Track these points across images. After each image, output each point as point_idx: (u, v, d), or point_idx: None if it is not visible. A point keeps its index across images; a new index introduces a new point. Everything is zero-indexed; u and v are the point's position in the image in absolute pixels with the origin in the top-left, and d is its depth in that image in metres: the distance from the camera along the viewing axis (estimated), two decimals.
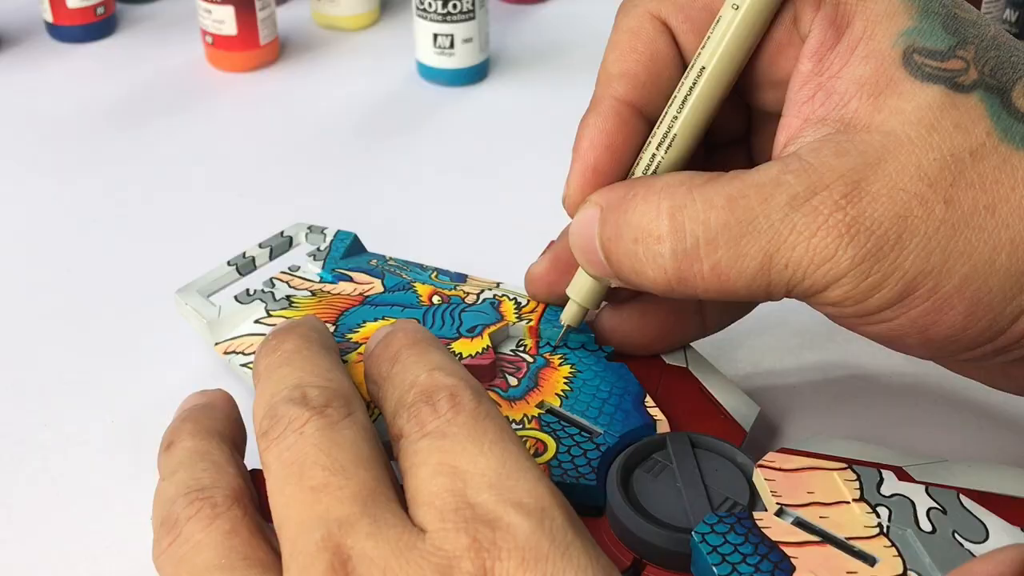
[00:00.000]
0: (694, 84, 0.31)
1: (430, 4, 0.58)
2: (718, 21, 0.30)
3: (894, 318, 0.28)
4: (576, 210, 0.32)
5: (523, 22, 0.69)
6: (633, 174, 0.32)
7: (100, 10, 0.66)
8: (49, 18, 0.65)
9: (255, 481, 0.29)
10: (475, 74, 0.61)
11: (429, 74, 0.61)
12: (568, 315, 0.35)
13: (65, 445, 0.37)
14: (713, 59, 0.30)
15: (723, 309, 0.36)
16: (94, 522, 0.35)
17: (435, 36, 0.59)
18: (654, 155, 0.32)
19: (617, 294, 0.35)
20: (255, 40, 0.62)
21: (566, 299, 0.37)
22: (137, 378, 0.40)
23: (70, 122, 0.58)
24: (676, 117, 0.31)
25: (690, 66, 0.31)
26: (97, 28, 0.66)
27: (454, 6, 0.58)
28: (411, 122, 0.58)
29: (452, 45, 0.59)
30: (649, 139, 0.32)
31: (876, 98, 0.28)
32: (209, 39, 0.62)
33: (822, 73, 0.29)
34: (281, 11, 0.69)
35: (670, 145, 0.31)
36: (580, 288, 0.34)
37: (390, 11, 0.70)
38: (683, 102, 0.31)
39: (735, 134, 0.35)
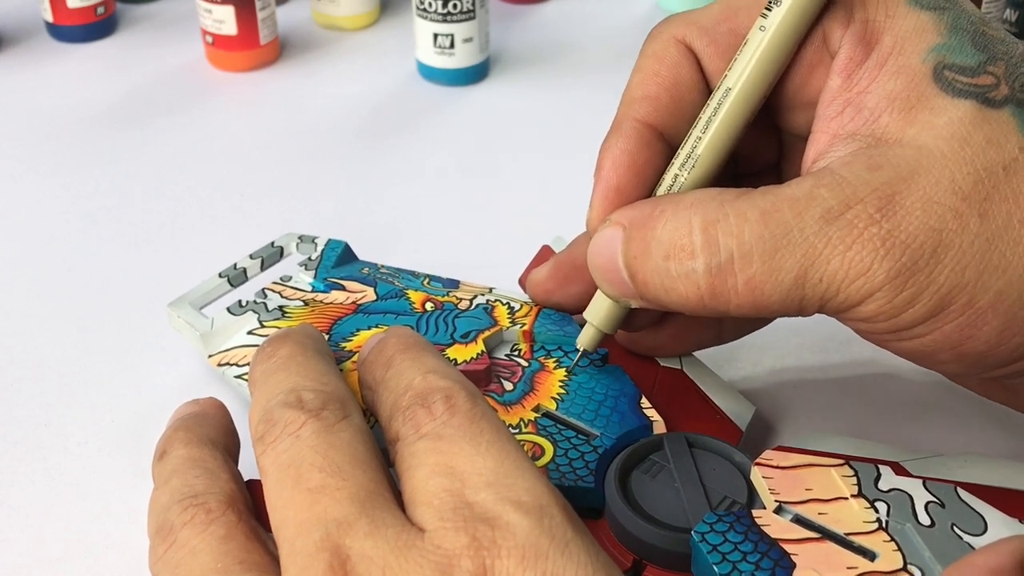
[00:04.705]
0: (719, 105, 0.30)
1: (430, 4, 0.58)
2: (745, 43, 0.30)
3: (927, 333, 0.28)
4: None
5: (523, 22, 0.69)
6: (655, 194, 0.32)
7: (100, 10, 0.66)
8: (49, 18, 0.65)
9: (252, 491, 0.29)
10: (475, 74, 0.61)
11: (429, 74, 0.61)
12: (584, 339, 0.34)
13: (65, 445, 0.38)
14: (739, 81, 0.30)
15: (743, 320, 0.36)
16: (94, 522, 0.35)
17: (435, 36, 0.59)
18: (676, 175, 0.31)
19: (634, 321, 0.34)
20: (255, 40, 0.62)
21: (561, 305, 0.37)
22: (137, 378, 0.40)
23: (70, 122, 0.58)
24: (700, 138, 0.31)
25: (716, 87, 0.31)
26: (97, 28, 0.66)
27: (454, 6, 0.58)
28: (411, 122, 0.58)
29: (452, 45, 0.59)
30: (672, 160, 0.32)
31: (907, 112, 0.28)
32: (209, 39, 0.62)
33: (851, 89, 0.29)
34: (281, 11, 0.69)
35: (693, 165, 0.31)
36: (598, 311, 0.33)
37: (390, 11, 0.70)
38: (707, 123, 0.31)
39: (766, 162, 0.34)
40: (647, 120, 0.32)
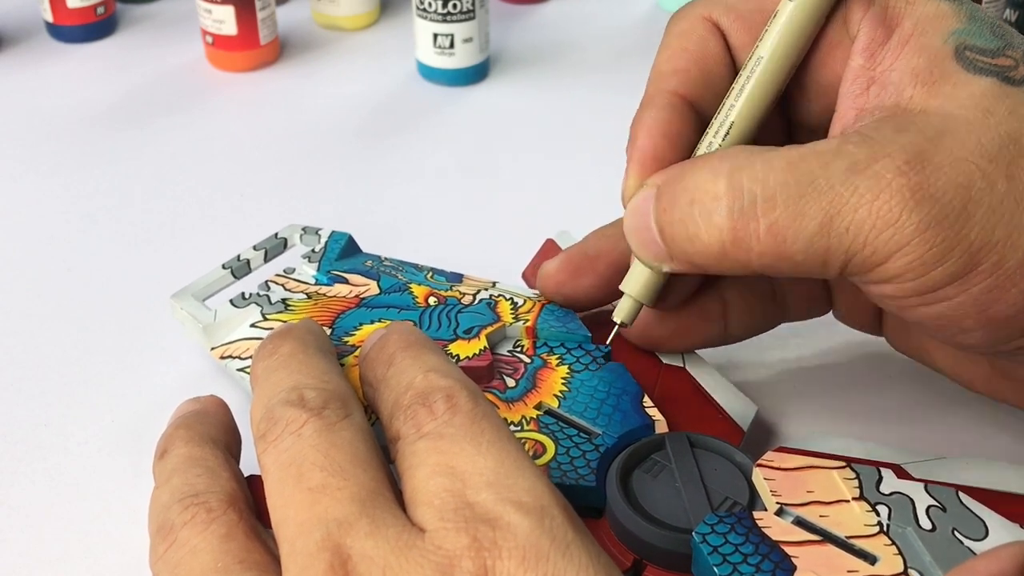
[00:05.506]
0: (752, 73, 0.31)
1: (430, 4, 0.58)
2: (776, 15, 0.31)
3: (955, 295, 0.27)
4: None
5: (523, 22, 0.69)
6: None
7: (100, 10, 0.66)
8: (49, 18, 0.65)
9: (252, 488, 0.29)
10: (475, 74, 0.61)
11: (429, 74, 0.61)
12: (622, 311, 0.34)
13: (65, 445, 0.37)
14: (772, 49, 0.31)
15: (747, 317, 0.36)
16: (94, 522, 0.35)
17: (435, 36, 0.59)
18: (711, 143, 0.32)
19: (668, 297, 0.34)
20: (255, 40, 0.62)
21: (571, 297, 0.37)
22: (137, 377, 0.40)
23: (70, 122, 0.58)
24: (733, 106, 0.31)
25: (748, 57, 0.32)
26: (97, 28, 0.66)
27: (454, 6, 0.58)
28: (411, 122, 0.58)
29: (452, 45, 0.59)
30: (707, 129, 0.32)
31: (931, 86, 0.28)
32: (209, 39, 0.62)
33: (874, 68, 0.29)
34: (281, 11, 0.69)
35: (727, 134, 0.31)
36: (635, 282, 0.33)
37: (390, 11, 0.70)
38: (740, 91, 0.31)
39: None
40: (678, 91, 0.32)
